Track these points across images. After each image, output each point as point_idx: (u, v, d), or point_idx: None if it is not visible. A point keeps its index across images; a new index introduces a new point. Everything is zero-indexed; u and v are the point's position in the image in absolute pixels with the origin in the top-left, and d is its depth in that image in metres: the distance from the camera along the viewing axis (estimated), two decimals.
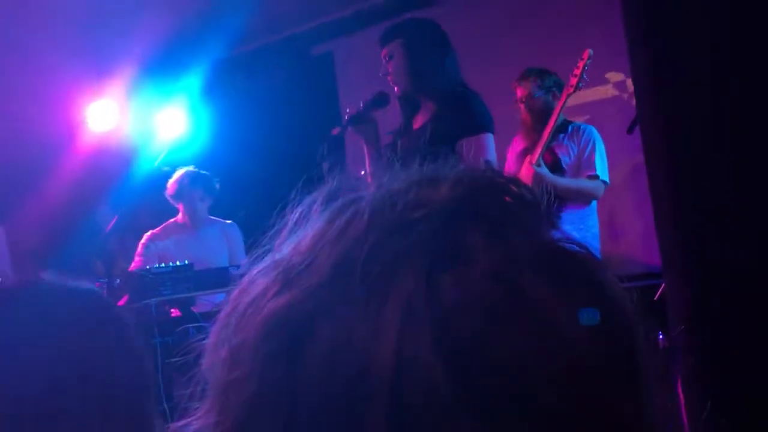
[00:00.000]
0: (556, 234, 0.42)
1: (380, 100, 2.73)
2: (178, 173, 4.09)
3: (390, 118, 2.86)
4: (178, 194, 4.05)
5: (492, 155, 2.66)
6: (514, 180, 0.42)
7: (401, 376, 0.34)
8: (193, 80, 5.27)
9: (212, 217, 4.16)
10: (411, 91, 2.71)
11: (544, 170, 3.39)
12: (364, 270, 0.37)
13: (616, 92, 4.58)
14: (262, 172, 5.12)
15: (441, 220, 0.38)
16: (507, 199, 0.41)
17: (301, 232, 0.43)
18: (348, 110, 2.76)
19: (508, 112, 4.43)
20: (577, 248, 0.41)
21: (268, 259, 0.43)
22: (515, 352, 0.35)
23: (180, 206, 4.11)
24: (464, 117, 2.61)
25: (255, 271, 0.43)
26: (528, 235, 0.39)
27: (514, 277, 0.36)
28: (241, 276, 0.44)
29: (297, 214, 0.45)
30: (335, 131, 2.72)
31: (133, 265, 3.85)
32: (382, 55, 2.72)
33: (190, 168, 4.14)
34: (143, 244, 4.01)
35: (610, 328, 0.38)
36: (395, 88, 2.72)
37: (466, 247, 0.37)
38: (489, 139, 2.65)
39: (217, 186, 4.11)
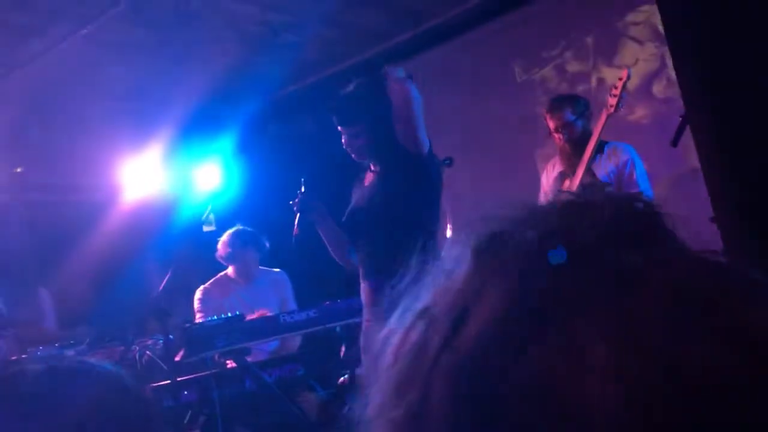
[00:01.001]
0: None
1: (308, 188, 2.94)
2: (227, 235, 4.11)
3: None
4: (230, 257, 4.08)
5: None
6: (648, 199, 0.42)
7: (629, 412, 0.33)
8: (228, 133, 5.38)
9: (262, 268, 4.19)
10: (371, 159, 2.85)
11: None
12: (553, 303, 0.36)
13: (656, 107, 4.56)
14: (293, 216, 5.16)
15: (607, 245, 0.38)
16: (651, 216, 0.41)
17: (436, 278, 0.42)
18: (293, 203, 2.96)
19: (525, 140, 4.47)
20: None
21: (401, 311, 0.43)
22: (724, 362, 0.34)
23: (231, 266, 4.14)
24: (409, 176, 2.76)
25: (391, 326, 0.43)
26: (686, 247, 0.40)
27: (698, 289, 0.36)
28: (381, 336, 0.44)
29: (426, 263, 0.45)
30: (296, 232, 2.95)
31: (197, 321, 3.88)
32: (344, 131, 2.81)
33: (238, 227, 4.16)
34: (199, 299, 4.04)
35: None
36: (353, 155, 2.85)
37: (638, 266, 0.37)
38: None
39: (267, 243, 4.14)
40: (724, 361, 0.34)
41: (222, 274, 4.17)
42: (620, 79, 3.43)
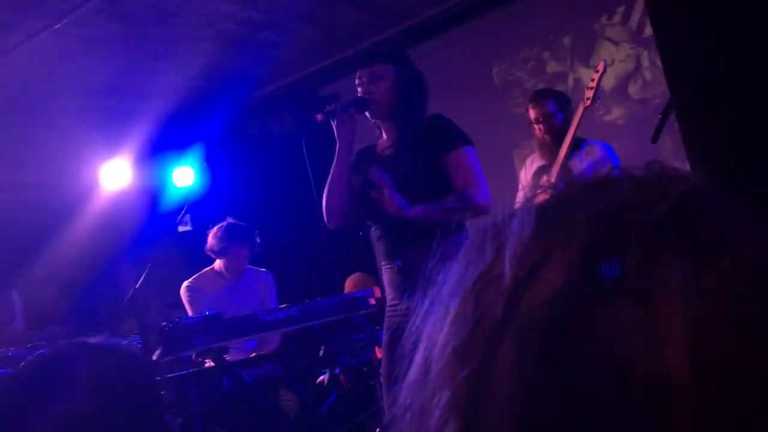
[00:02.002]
0: None
1: (363, 103, 2.63)
2: (219, 228, 4.01)
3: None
4: (222, 251, 3.99)
5: (478, 166, 2.62)
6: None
7: (703, 381, 0.33)
8: (205, 131, 5.33)
9: (249, 266, 4.13)
10: (385, 115, 2.65)
11: None
12: (628, 272, 0.36)
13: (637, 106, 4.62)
14: (275, 215, 5.14)
15: (680, 222, 0.38)
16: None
17: (492, 243, 0.42)
18: (329, 106, 2.64)
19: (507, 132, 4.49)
20: None
21: (452, 277, 0.43)
22: None
23: (221, 260, 4.06)
24: (442, 135, 2.60)
25: (438, 294, 0.43)
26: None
27: None
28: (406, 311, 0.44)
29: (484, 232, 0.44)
30: (319, 118, 2.61)
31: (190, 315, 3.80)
32: (365, 73, 2.62)
33: (230, 221, 4.08)
34: (188, 295, 3.96)
35: None
36: (366, 106, 2.63)
37: (711, 244, 0.37)
38: (472, 151, 2.63)
39: (258, 239, 4.06)
40: None
41: (207, 269, 4.09)
42: (596, 71, 3.47)
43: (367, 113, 2.66)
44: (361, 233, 2.75)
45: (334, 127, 2.64)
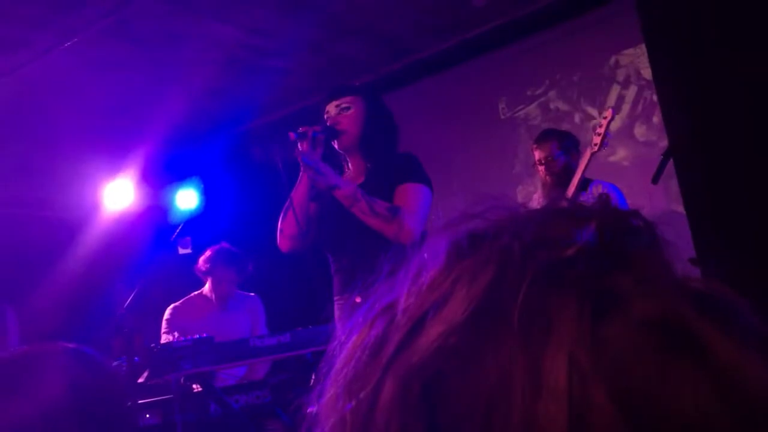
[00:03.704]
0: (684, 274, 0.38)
1: (332, 131, 2.59)
2: (212, 251, 4.01)
3: None
4: (210, 272, 3.97)
5: (424, 205, 2.54)
6: (643, 217, 0.40)
7: (578, 427, 0.31)
8: (209, 154, 5.34)
9: (237, 291, 4.11)
10: (353, 147, 2.62)
11: None
12: (521, 317, 0.34)
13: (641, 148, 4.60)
14: (275, 241, 5.11)
15: (589, 262, 0.35)
16: (643, 237, 0.39)
17: (408, 273, 0.40)
18: (302, 128, 2.56)
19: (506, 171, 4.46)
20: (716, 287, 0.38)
21: (370, 305, 0.41)
22: (693, 402, 0.32)
23: (209, 281, 4.04)
24: (404, 169, 2.56)
25: (357, 320, 0.41)
26: (673, 274, 0.37)
27: (678, 322, 0.34)
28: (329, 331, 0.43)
29: (394, 263, 0.43)
30: (292, 136, 2.54)
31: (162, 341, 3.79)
32: (333, 105, 2.62)
33: (224, 245, 4.08)
34: (167, 319, 3.94)
35: None
36: (335, 141, 2.60)
37: (618, 290, 0.35)
38: (426, 191, 2.56)
39: (250, 267, 4.04)
40: (707, 411, 0.31)
41: (195, 293, 4.07)
42: (605, 118, 3.48)
43: (335, 144, 2.63)
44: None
45: (300, 149, 2.57)
